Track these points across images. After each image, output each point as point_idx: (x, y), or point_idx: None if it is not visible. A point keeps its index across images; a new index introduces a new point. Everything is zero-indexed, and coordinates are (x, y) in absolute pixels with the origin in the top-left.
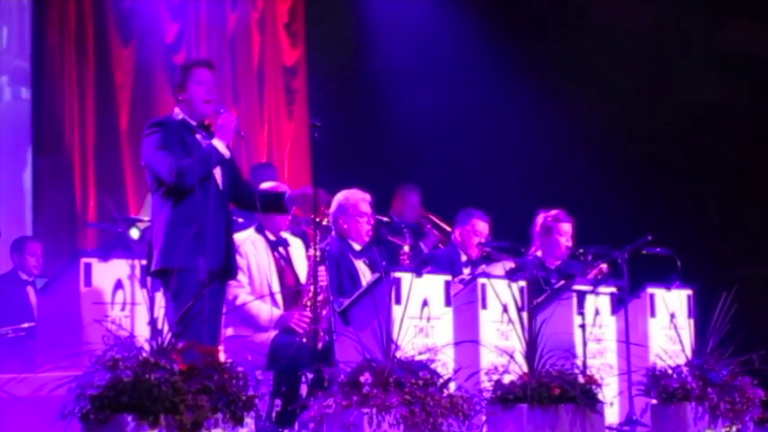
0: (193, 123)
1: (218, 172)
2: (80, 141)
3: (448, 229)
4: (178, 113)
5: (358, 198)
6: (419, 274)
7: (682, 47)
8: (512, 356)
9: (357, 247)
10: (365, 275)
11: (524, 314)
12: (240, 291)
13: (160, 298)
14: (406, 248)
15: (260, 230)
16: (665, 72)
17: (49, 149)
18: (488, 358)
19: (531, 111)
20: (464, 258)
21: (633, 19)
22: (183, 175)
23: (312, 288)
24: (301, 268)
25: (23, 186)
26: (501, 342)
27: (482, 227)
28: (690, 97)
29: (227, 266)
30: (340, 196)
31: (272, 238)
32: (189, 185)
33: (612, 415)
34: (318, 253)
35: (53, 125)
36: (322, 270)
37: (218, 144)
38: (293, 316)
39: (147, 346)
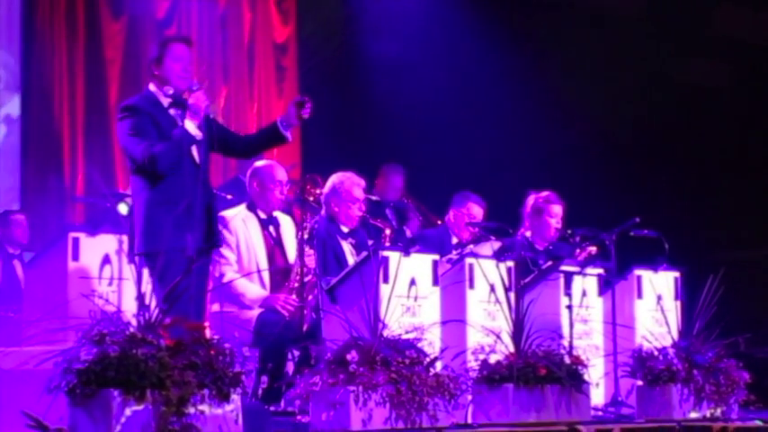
0: (167, 100)
1: (194, 148)
2: (69, 116)
3: (434, 218)
4: (152, 90)
5: (353, 183)
6: (407, 253)
7: (670, 30)
8: (498, 336)
9: (345, 229)
10: (351, 257)
11: (511, 294)
12: (227, 268)
13: (147, 274)
14: (388, 231)
15: (251, 208)
16: (653, 55)
17: (39, 123)
18: (475, 338)
19: (520, 93)
20: (455, 241)
21: (623, 2)
22: (155, 161)
23: (300, 270)
24: (291, 248)
25: (11, 160)
26: (488, 322)
27: (477, 211)
28: (677, 80)
29: (209, 242)
30: (335, 178)
31: (263, 216)
32: (162, 171)
33: (598, 396)
34: (306, 232)
35: (43, 99)
36: (310, 252)
37: (190, 126)
38: (279, 299)
39: (134, 322)
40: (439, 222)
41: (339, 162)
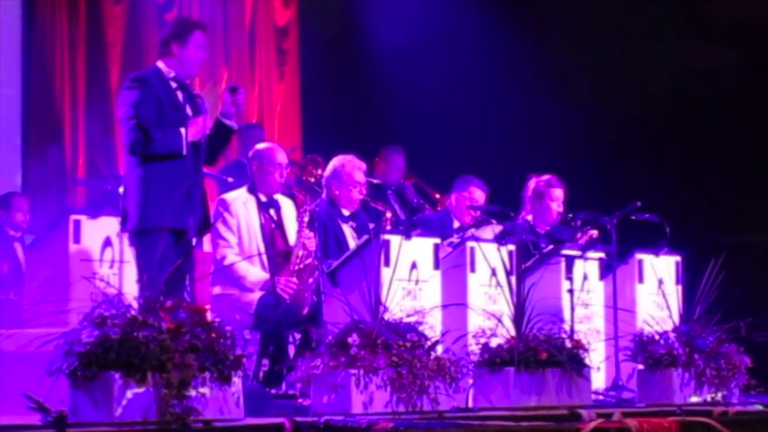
0: (176, 83)
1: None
2: (71, 98)
3: (436, 195)
4: (164, 69)
5: (354, 166)
6: (408, 236)
7: (673, 12)
8: (499, 320)
9: (346, 212)
10: (352, 240)
11: (513, 278)
12: (228, 251)
13: (135, 252)
14: (389, 215)
15: (252, 191)
16: (654, 38)
17: (40, 106)
18: (476, 321)
19: (520, 77)
20: (456, 224)
21: None
22: (147, 145)
23: (300, 253)
24: (291, 231)
25: (13, 142)
26: (489, 306)
27: (479, 195)
28: (679, 63)
29: (203, 224)
30: (336, 162)
31: (263, 199)
32: (150, 154)
33: (599, 380)
34: (307, 215)
35: (44, 82)
36: (311, 234)
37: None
38: (279, 281)
39: (135, 304)
40: (438, 196)
41: (340, 145)
